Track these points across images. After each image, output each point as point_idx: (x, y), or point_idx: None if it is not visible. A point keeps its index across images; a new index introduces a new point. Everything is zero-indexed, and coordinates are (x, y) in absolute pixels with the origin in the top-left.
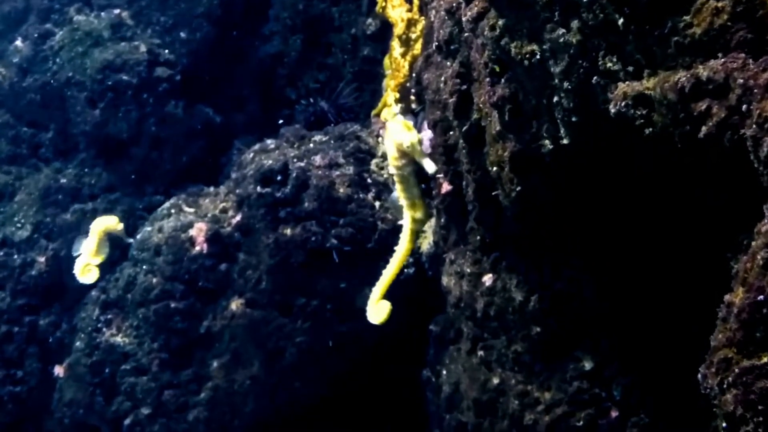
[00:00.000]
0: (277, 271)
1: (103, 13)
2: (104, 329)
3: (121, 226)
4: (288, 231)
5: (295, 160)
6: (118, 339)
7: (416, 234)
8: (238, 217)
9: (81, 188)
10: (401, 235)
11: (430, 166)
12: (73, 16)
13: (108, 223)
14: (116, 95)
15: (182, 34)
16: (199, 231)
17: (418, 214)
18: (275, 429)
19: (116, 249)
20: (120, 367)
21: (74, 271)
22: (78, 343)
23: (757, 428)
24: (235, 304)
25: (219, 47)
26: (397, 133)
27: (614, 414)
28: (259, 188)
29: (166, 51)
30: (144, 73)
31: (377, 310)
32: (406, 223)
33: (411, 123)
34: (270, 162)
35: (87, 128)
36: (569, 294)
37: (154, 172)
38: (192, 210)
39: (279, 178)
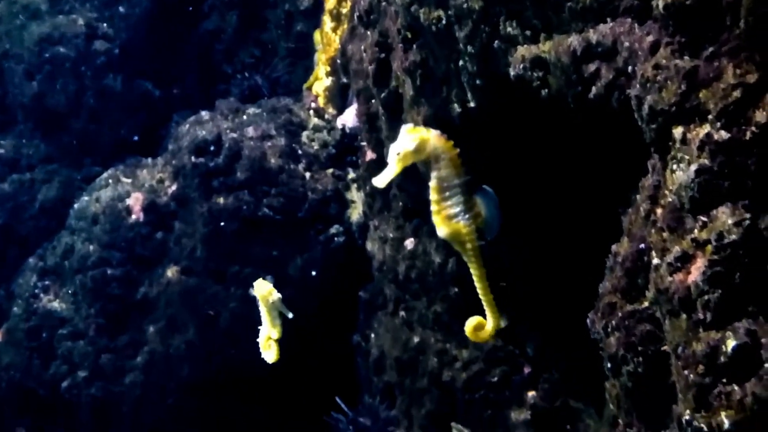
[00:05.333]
0: (211, 239)
1: None
2: (42, 295)
3: (277, 296)
4: (221, 200)
5: (228, 131)
6: (56, 305)
7: (469, 250)
8: (174, 187)
9: (19, 159)
10: None
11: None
12: None
13: (263, 291)
14: (54, 68)
15: (121, 9)
16: (135, 200)
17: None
18: (212, 394)
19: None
20: (57, 331)
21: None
22: (15, 309)
23: (637, 368)
24: (171, 272)
25: (159, 23)
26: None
27: (527, 370)
28: (193, 158)
29: (105, 25)
30: (82, 46)
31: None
32: None
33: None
34: (204, 133)
35: (25, 100)
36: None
37: (93, 144)
38: (129, 180)
39: (212, 148)
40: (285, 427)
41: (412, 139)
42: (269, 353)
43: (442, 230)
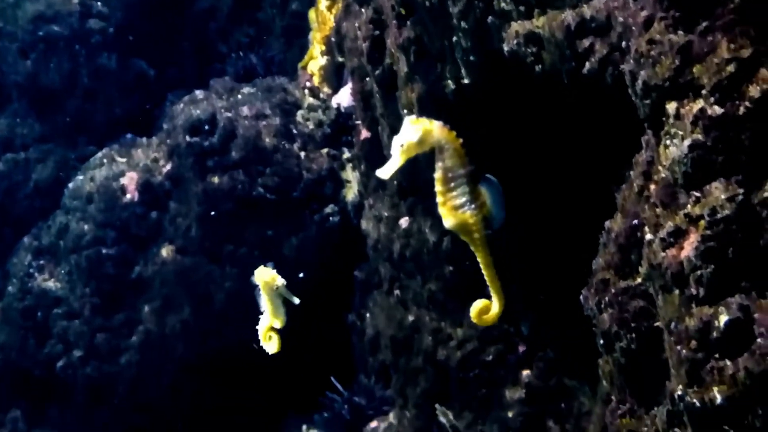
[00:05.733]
0: (206, 219)
1: None
2: (36, 274)
3: (281, 281)
4: (216, 179)
5: (222, 110)
6: (51, 284)
7: (477, 240)
8: (169, 167)
9: (13, 138)
10: None
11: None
12: None
13: (265, 277)
14: (48, 46)
15: None
16: (130, 180)
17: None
18: (208, 374)
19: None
20: (52, 311)
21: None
22: (10, 288)
23: (630, 344)
24: (166, 251)
25: (153, 2)
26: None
27: (522, 349)
28: (187, 138)
29: (99, 3)
30: (76, 24)
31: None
32: None
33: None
34: (198, 112)
35: (19, 79)
36: None
37: (88, 123)
38: (124, 160)
39: (207, 128)
40: (281, 407)
41: (415, 130)
42: (270, 345)
43: (448, 221)
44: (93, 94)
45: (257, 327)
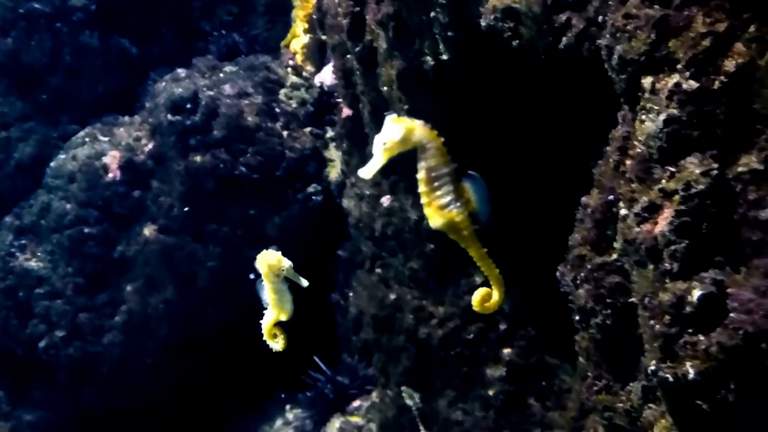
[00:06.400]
0: (189, 198)
1: None
2: (18, 254)
3: (287, 263)
4: (198, 158)
5: (205, 88)
6: (33, 263)
7: (466, 236)
8: (151, 146)
9: None
10: None
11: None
12: None
13: (272, 260)
14: (29, 24)
15: None
16: (113, 159)
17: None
18: (191, 355)
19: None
20: (34, 290)
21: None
22: None
23: (606, 320)
24: (149, 230)
25: None
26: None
27: (503, 327)
28: (169, 116)
29: None
30: (58, 1)
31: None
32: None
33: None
34: (180, 90)
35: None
36: None
37: (70, 101)
38: (106, 138)
39: (189, 106)
40: (265, 386)
41: (397, 129)
42: (276, 343)
43: (436, 221)
44: (75, 72)
45: (261, 322)
